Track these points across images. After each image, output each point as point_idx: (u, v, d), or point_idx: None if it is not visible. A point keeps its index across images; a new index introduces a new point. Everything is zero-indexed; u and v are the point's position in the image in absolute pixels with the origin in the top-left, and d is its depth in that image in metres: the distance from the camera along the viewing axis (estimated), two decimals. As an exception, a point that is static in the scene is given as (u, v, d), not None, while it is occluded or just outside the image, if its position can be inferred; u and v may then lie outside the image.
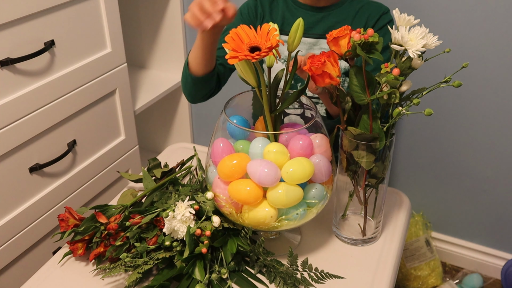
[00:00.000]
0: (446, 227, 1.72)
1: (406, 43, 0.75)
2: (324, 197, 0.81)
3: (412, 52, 0.74)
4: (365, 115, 0.79)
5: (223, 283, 0.79)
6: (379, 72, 0.76)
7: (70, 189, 1.39)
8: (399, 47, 0.75)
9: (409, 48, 0.74)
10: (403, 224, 0.94)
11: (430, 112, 0.73)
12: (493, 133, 1.49)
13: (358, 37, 0.75)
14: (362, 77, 0.77)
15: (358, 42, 0.75)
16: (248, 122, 0.87)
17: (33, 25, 1.17)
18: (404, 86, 0.77)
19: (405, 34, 0.75)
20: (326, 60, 0.75)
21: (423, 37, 0.75)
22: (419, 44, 0.74)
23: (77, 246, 0.85)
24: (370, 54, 0.76)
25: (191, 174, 1.02)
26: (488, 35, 1.36)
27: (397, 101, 0.76)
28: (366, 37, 0.75)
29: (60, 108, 1.29)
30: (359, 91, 0.78)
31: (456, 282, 1.67)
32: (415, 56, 0.74)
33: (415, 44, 0.74)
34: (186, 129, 1.97)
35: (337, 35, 0.78)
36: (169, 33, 1.78)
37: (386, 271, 0.84)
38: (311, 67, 0.75)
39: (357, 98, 0.78)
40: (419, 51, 0.74)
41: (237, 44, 0.72)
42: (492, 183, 1.56)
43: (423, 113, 0.74)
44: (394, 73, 0.74)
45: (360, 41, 0.75)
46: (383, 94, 0.75)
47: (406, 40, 0.75)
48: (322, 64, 0.74)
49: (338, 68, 0.76)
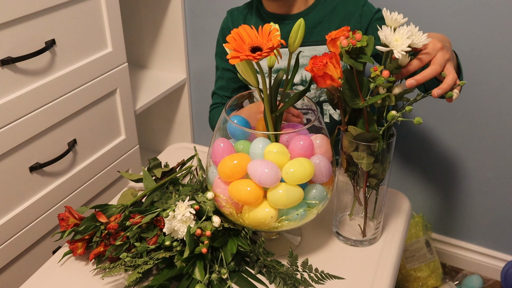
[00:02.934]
0: (446, 228, 1.72)
1: (391, 44, 0.74)
2: (324, 198, 0.81)
3: (397, 52, 0.73)
4: (361, 120, 0.79)
5: (223, 283, 0.79)
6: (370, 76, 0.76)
7: (70, 189, 1.39)
8: (385, 48, 0.75)
9: (394, 48, 0.73)
10: (403, 225, 0.94)
11: (419, 121, 0.73)
12: (493, 134, 1.49)
13: (346, 43, 0.74)
14: (354, 81, 0.77)
15: (346, 49, 0.74)
16: (248, 122, 0.87)
17: (34, 24, 1.17)
18: (397, 89, 0.77)
19: (389, 35, 0.73)
20: (328, 61, 0.74)
21: (409, 36, 0.74)
22: (404, 44, 0.73)
23: (77, 245, 0.85)
24: (359, 59, 0.75)
25: (191, 174, 1.02)
26: (489, 35, 1.36)
27: (392, 103, 0.76)
28: (354, 42, 0.74)
29: (60, 108, 1.29)
30: (352, 95, 0.77)
31: (456, 283, 1.67)
32: (399, 57, 0.73)
33: (400, 44, 0.73)
34: (187, 129, 1.97)
35: (336, 35, 0.78)
36: (170, 33, 1.79)
37: (386, 272, 0.84)
38: (313, 68, 0.75)
39: (351, 103, 0.77)
40: (404, 51, 0.73)
41: (239, 44, 0.72)
42: (492, 184, 1.56)
43: (413, 121, 0.73)
44: (384, 75, 0.73)
45: (348, 47, 0.74)
46: (377, 99, 0.74)
47: (390, 41, 0.73)
48: (324, 65, 0.74)
49: (340, 70, 0.76)
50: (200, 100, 1.91)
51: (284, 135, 0.80)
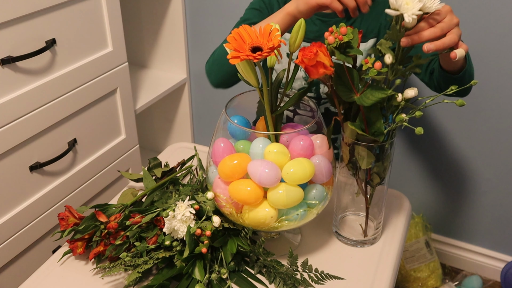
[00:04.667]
0: (446, 229, 1.72)
1: (401, 7, 0.70)
2: (324, 198, 0.81)
3: (408, 16, 0.69)
4: (359, 117, 0.78)
5: (222, 283, 0.79)
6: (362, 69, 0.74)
7: (70, 188, 1.39)
8: (395, 12, 0.71)
9: (404, 12, 0.69)
10: (403, 226, 0.94)
11: (420, 131, 0.71)
12: (493, 135, 1.49)
13: (332, 39, 0.73)
14: (345, 76, 0.75)
15: (334, 45, 0.73)
16: (249, 122, 0.87)
17: (34, 24, 1.17)
18: (411, 92, 0.75)
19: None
20: (318, 50, 0.73)
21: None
22: (415, 7, 0.69)
23: (77, 244, 0.85)
24: (348, 54, 0.74)
25: (191, 173, 1.02)
26: (488, 36, 1.36)
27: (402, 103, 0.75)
28: (341, 38, 0.72)
29: (61, 107, 1.29)
30: (345, 90, 0.76)
31: (455, 283, 1.67)
32: (410, 21, 0.69)
33: (411, 8, 0.69)
34: (187, 128, 1.97)
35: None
36: (170, 32, 1.79)
37: (385, 272, 0.84)
38: (303, 59, 0.73)
39: (346, 97, 0.76)
40: (415, 15, 0.69)
41: (239, 44, 0.72)
42: (492, 184, 1.56)
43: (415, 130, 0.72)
44: (376, 67, 0.71)
45: (336, 43, 0.73)
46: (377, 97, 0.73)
47: (401, 3, 0.69)
48: (314, 54, 0.72)
49: (330, 58, 0.74)
50: (200, 100, 1.91)
51: (284, 135, 0.80)
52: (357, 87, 0.76)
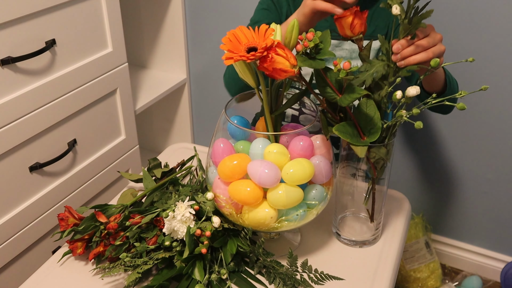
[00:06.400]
0: (446, 229, 1.72)
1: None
2: (324, 198, 0.81)
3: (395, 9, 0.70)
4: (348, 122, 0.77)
5: (222, 284, 0.79)
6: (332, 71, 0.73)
7: (70, 189, 1.39)
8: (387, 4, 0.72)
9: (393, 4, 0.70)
10: (403, 226, 0.94)
11: (420, 125, 0.71)
12: (493, 136, 1.49)
13: (300, 47, 0.72)
14: (324, 79, 0.75)
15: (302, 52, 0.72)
16: (248, 122, 0.87)
17: (34, 24, 1.17)
18: (413, 90, 0.75)
19: None
20: (273, 55, 0.69)
21: None
22: None
23: (77, 245, 0.85)
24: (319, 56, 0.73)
25: (191, 174, 1.02)
26: (489, 35, 1.36)
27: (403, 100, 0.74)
28: (307, 44, 0.71)
29: (60, 107, 1.29)
30: (330, 92, 0.76)
31: (455, 284, 1.67)
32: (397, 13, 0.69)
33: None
34: (187, 129, 1.97)
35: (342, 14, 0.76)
36: (170, 33, 1.79)
37: (385, 272, 0.84)
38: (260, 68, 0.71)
39: (330, 98, 0.76)
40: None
41: (234, 45, 0.72)
42: (492, 185, 1.56)
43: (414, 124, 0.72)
44: (344, 67, 0.71)
45: (303, 49, 0.72)
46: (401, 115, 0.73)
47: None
48: (270, 60, 0.69)
49: (292, 55, 0.71)
50: (200, 100, 1.91)
51: (284, 136, 0.80)
52: (338, 88, 0.76)
